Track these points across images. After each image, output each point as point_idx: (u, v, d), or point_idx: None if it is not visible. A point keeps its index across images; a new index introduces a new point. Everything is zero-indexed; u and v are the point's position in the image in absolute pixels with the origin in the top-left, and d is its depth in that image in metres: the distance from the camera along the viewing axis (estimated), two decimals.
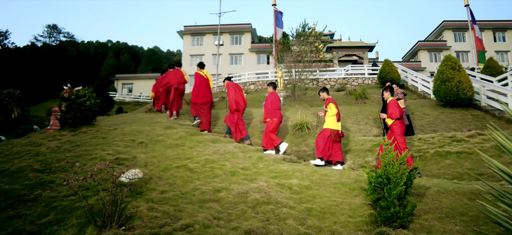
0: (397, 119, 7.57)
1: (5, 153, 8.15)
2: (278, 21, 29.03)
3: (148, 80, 53.99)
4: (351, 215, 4.84)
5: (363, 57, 36.90)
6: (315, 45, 17.14)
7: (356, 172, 6.83)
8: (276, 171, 6.75)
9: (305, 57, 15.93)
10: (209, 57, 50.99)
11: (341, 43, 38.22)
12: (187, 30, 52.80)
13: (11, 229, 4.60)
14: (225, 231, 4.36)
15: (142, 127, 9.66)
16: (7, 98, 18.61)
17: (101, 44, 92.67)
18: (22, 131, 14.19)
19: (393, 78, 22.23)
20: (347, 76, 28.21)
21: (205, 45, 52.14)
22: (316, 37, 17.27)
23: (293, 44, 17.03)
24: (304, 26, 16.54)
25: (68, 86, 10.73)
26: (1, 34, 66.25)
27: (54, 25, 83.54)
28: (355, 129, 11.81)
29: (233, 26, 51.85)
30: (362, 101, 17.29)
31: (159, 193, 5.53)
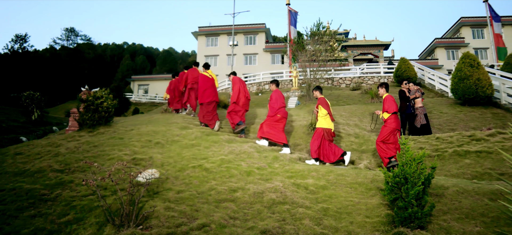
0: (394, 112, 7.83)
1: (26, 153, 8.35)
2: (292, 20, 28.98)
3: (163, 81, 54.53)
4: (368, 215, 4.80)
5: (379, 56, 36.49)
6: (329, 44, 17.05)
7: (373, 171, 6.77)
8: (292, 170, 6.74)
9: (319, 57, 15.86)
10: (224, 57, 51.19)
11: (356, 41, 37.88)
12: (202, 31, 53.11)
13: (33, 228, 4.71)
14: (241, 231, 4.37)
15: (158, 127, 9.76)
16: (28, 100, 19.05)
17: (117, 46, 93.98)
18: (42, 132, 14.49)
19: (410, 76, 21.92)
20: (362, 75, 27.94)
21: (220, 45, 52.35)
22: (331, 36, 17.18)
23: (307, 43, 16.96)
24: (319, 25, 16.46)
25: (86, 88, 10.91)
26: (21, 38, 67.82)
27: (72, 28, 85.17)
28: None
29: (247, 26, 51.92)
30: (378, 100, 17.10)
31: (176, 192, 5.58)
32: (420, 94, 10.64)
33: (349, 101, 18.14)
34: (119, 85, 45.91)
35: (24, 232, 4.64)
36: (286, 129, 10.68)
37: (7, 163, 7.80)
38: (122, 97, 24.61)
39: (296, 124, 11.13)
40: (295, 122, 11.37)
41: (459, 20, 48.67)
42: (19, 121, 17.84)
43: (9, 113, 20.25)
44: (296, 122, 11.30)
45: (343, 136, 10.18)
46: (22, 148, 8.91)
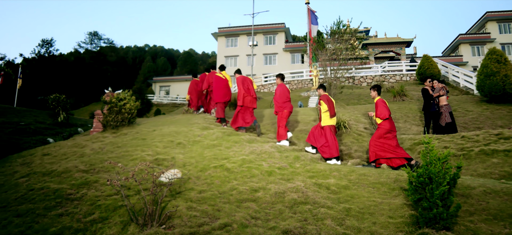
0: (386, 118, 7.67)
1: (53, 154, 8.60)
2: (312, 19, 28.80)
3: (184, 82, 55.07)
4: (391, 215, 4.73)
5: (400, 53, 35.87)
6: (350, 43, 16.86)
7: (396, 171, 6.66)
8: (313, 170, 6.70)
9: (340, 55, 15.70)
10: (244, 58, 51.33)
11: (377, 39, 37.34)
12: (221, 31, 53.40)
13: (60, 226, 4.85)
14: (263, 231, 4.37)
15: (179, 128, 9.87)
16: (54, 102, 19.60)
17: (139, 49, 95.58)
18: (68, 133, 14.88)
19: (433, 74, 21.47)
20: (384, 73, 27.52)
21: (239, 46, 52.51)
22: (351, 34, 16.98)
23: (327, 42, 16.83)
24: (339, 23, 16.30)
25: (109, 90, 11.14)
26: (47, 42, 69.88)
27: (95, 32, 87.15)
28: None
29: (267, 26, 51.90)
30: (401, 98, 16.83)
31: (198, 192, 5.64)
32: (445, 92, 10.39)
33: (371, 100, 17.88)
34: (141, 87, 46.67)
35: (52, 230, 4.78)
36: (306, 129, 10.63)
37: (35, 163, 8.06)
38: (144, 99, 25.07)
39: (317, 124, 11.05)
40: (316, 121, 11.29)
41: (484, 15, 47.28)
42: (46, 123, 18.37)
43: (36, 116, 20.88)
44: (317, 122, 11.22)
45: (365, 135, 10.05)
46: (49, 149, 9.18)
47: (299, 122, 11.35)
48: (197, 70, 70.93)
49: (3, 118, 18.49)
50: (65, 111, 19.68)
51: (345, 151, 9.22)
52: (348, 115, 11.71)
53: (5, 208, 5.74)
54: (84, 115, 37.92)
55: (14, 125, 16.71)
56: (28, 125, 16.76)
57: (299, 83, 29.89)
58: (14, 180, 6.93)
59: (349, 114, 12.25)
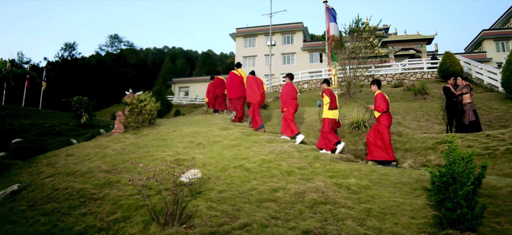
0: (384, 111, 7.91)
1: (77, 155, 8.81)
2: (331, 17, 28.58)
3: (203, 83, 55.49)
4: (414, 216, 4.65)
5: (421, 51, 35.18)
6: (369, 41, 16.63)
7: (418, 171, 6.55)
8: (333, 170, 6.66)
9: (359, 54, 15.50)
10: (262, 58, 51.34)
11: (396, 37, 36.73)
12: (239, 32, 53.55)
13: (84, 225, 4.97)
14: (283, 231, 4.37)
15: (199, 128, 9.95)
16: (77, 104, 20.09)
17: (158, 51, 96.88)
18: (90, 134, 15.20)
19: (455, 71, 20.95)
20: (404, 71, 27.05)
21: (257, 46, 52.54)
22: (370, 32, 16.74)
23: (346, 40, 16.66)
24: (358, 21, 16.09)
25: (130, 92, 11.33)
26: (70, 46, 71.69)
27: (116, 35, 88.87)
28: (415, 126, 11.31)
29: (285, 25, 51.76)
30: (422, 97, 16.51)
31: (218, 192, 5.67)
32: (468, 90, 10.15)
33: (391, 99, 17.63)
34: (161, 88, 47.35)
35: (76, 229, 4.90)
36: None
37: (60, 164, 8.27)
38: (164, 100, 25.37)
39: None
40: None
41: (509, 9, 45.89)
42: (69, 124, 18.83)
43: (60, 118, 21.42)
44: None
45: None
46: (73, 150, 9.41)
47: (318, 121, 11.28)
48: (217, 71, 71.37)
49: (30, 120, 19.05)
50: (88, 113, 20.15)
51: (365, 150, 9.11)
52: (368, 115, 11.57)
53: (32, 207, 5.92)
54: (106, 116, 38.63)
55: (40, 126, 17.19)
56: (53, 127, 17.21)
57: (318, 83, 29.69)
58: (40, 180, 7.13)
59: (369, 113, 12.10)
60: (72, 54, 70.75)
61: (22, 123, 17.52)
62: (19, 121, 17.99)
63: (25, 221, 5.48)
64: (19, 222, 5.53)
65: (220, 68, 75.85)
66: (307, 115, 12.20)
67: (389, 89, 21.74)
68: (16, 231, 5.23)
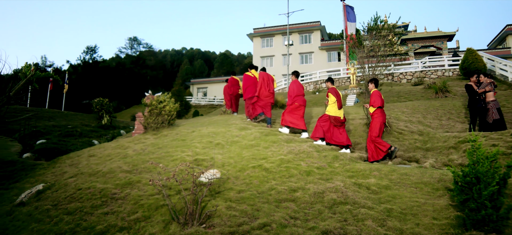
0: (379, 107, 8.38)
1: (99, 155, 8.98)
2: (348, 16, 28.32)
3: (221, 84, 55.78)
4: (436, 217, 4.56)
5: (442, 48, 34.46)
6: (388, 39, 16.42)
7: (439, 170, 6.42)
8: (353, 170, 6.60)
9: (378, 52, 15.33)
10: (279, 57, 51.28)
11: (416, 34, 36.08)
12: (257, 32, 53.62)
13: (106, 224, 5.06)
14: (302, 231, 4.36)
15: (218, 128, 10.01)
16: (98, 106, 20.51)
17: (177, 52, 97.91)
18: (111, 135, 15.48)
19: (478, 68, 20.46)
20: (424, 69, 26.56)
21: (275, 46, 52.51)
22: (389, 30, 16.53)
23: (364, 39, 16.48)
24: (376, 19, 15.94)
25: (149, 93, 11.48)
26: (91, 49, 73.25)
27: (135, 37, 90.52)
28: (436, 125, 11.09)
29: (302, 25, 51.56)
30: (443, 95, 16.18)
31: (237, 192, 5.70)
32: (492, 87, 9.89)
33: (411, 97, 17.35)
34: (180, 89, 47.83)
35: (98, 228, 5.00)
36: (346, 128, 10.48)
37: (82, 164, 8.45)
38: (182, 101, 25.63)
39: (356, 122, 10.84)
40: (354, 120, 11.09)
41: None
42: (91, 125, 19.22)
43: (82, 119, 21.90)
44: (355, 120, 11.02)
45: (406, 134, 9.76)
46: (95, 151, 9.60)
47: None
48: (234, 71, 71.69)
49: (53, 121, 19.53)
50: (108, 114, 20.53)
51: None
52: (388, 113, 11.42)
53: (56, 206, 6.07)
54: (126, 118, 39.29)
55: (63, 128, 17.61)
56: (75, 128, 17.60)
57: (336, 82, 29.46)
58: (64, 180, 7.30)
59: (389, 112, 11.94)
60: (93, 57, 72.30)
61: (46, 125, 17.99)
62: (43, 123, 18.48)
63: (49, 220, 5.63)
64: (44, 221, 5.68)
65: (237, 68, 76.10)
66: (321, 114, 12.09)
67: (409, 87, 21.39)
68: (41, 229, 5.38)
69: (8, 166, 9.35)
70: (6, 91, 8.87)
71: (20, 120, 15.17)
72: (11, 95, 8.79)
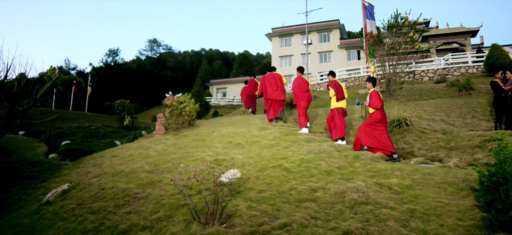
0: (378, 108, 8.22)
1: (121, 156, 9.15)
2: (368, 13, 27.98)
3: (240, 84, 55.95)
4: (460, 217, 4.46)
5: (465, 44, 33.63)
6: (409, 36, 16.10)
7: (464, 170, 6.27)
8: (374, 169, 6.52)
9: (399, 50, 15.06)
10: (298, 57, 51.09)
11: (438, 30, 35.32)
12: (275, 32, 53.56)
13: (129, 223, 5.16)
14: (323, 231, 4.33)
15: (238, 129, 10.05)
16: (120, 107, 20.92)
17: (196, 53, 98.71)
18: (133, 136, 15.76)
19: (504, 64, 19.84)
20: (447, 66, 25.97)
21: (293, 45, 52.34)
22: (410, 27, 16.21)
23: (385, 36, 16.23)
24: (396, 16, 15.65)
25: (170, 94, 11.63)
26: (113, 52, 74.73)
27: (155, 39, 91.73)
28: (460, 123, 10.83)
29: (321, 23, 51.22)
30: (467, 92, 15.77)
31: (257, 192, 5.71)
32: None
33: (433, 95, 16.99)
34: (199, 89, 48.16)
35: (121, 227, 5.10)
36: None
37: (105, 164, 8.63)
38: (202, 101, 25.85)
39: None
40: None
41: None
42: (113, 126, 19.60)
43: (105, 120, 22.35)
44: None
45: (428, 133, 9.57)
46: (117, 151, 9.78)
47: (357, 120, 11.07)
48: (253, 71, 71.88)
49: (77, 123, 20.01)
50: (130, 116, 20.91)
51: (407, 149, 8.85)
52: (409, 112, 11.22)
53: (81, 205, 6.22)
54: (147, 118, 39.87)
55: (86, 129, 18.01)
56: (98, 129, 17.98)
57: (356, 81, 29.14)
58: (88, 179, 7.48)
59: (410, 110, 11.74)
60: (115, 59, 73.73)
61: (70, 126, 18.44)
62: (67, 124, 18.95)
63: (74, 219, 5.78)
64: (69, 219, 5.83)
65: (256, 68, 76.14)
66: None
67: (431, 85, 20.96)
68: (67, 228, 5.53)
69: (35, 166, 9.63)
70: (32, 94, 9.14)
71: (46, 122, 15.60)
72: (37, 98, 9.05)
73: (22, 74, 9.30)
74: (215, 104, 50.98)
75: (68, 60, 75.39)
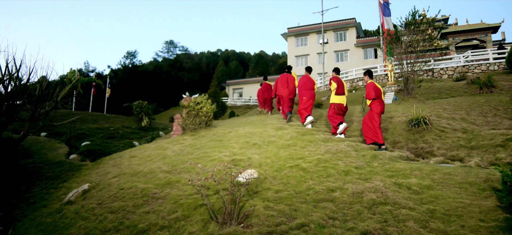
0: (374, 98, 8.50)
1: (139, 156, 9.28)
2: (384, 11, 27.64)
3: (256, 84, 56.04)
4: (483, 218, 4.36)
5: (486, 41, 32.84)
6: (427, 33, 15.82)
7: (486, 170, 6.13)
8: (393, 169, 6.44)
9: (417, 47, 14.81)
10: (314, 56, 50.85)
11: (457, 27, 34.59)
12: (291, 31, 53.43)
13: (147, 223, 5.23)
14: (341, 232, 4.31)
15: (254, 129, 10.07)
16: (138, 108, 21.22)
17: (212, 54, 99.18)
18: (151, 137, 15.95)
19: None
20: (467, 63, 25.44)
21: (309, 45, 52.11)
22: (428, 24, 15.92)
23: (402, 34, 15.99)
24: (414, 13, 15.39)
25: (187, 95, 11.73)
26: (131, 54, 75.87)
27: (171, 40, 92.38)
28: (481, 122, 10.59)
29: (337, 22, 50.86)
30: (488, 90, 15.42)
31: (274, 192, 5.71)
32: None
33: (453, 93, 16.67)
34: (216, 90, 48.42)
35: (140, 226, 5.17)
36: (384, 126, 10.26)
37: (124, 165, 8.77)
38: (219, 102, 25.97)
39: (395, 120, 10.56)
40: (393, 118, 10.80)
41: None
42: (131, 127, 19.88)
43: (123, 121, 22.70)
44: (394, 118, 10.73)
45: (448, 132, 9.39)
46: (136, 152, 9.93)
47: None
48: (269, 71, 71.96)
49: (96, 124, 20.39)
50: (148, 117, 21.18)
51: (426, 148, 8.71)
52: (428, 111, 11.04)
53: (101, 205, 6.34)
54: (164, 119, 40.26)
55: (105, 130, 18.33)
56: (117, 130, 18.28)
57: (373, 79, 28.80)
58: (107, 180, 7.61)
59: (429, 109, 11.54)
60: (132, 61, 74.77)
61: (90, 127, 18.80)
62: (87, 125, 19.33)
63: (95, 218, 5.90)
64: (89, 218, 5.95)
65: (272, 68, 76.08)
66: (362, 115, 11.88)
67: (450, 83, 20.57)
68: (87, 227, 5.64)
69: (57, 167, 9.86)
70: (53, 96, 9.36)
71: (66, 123, 15.93)
72: (58, 100, 9.26)
73: (43, 77, 9.54)
74: (231, 105, 51.15)
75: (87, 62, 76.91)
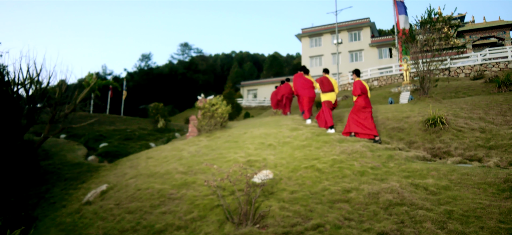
0: (359, 95, 9.28)
1: (156, 157, 9.40)
2: (400, 9, 27.34)
3: (270, 85, 55.94)
4: (502, 220, 4.29)
5: (504, 38, 32.13)
6: (443, 32, 15.59)
7: (505, 170, 6.02)
8: (409, 170, 6.38)
9: (433, 46, 14.60)
10: (328, 56, 50.55)
11: (474, 25, 33.94)
12: (305, 32, 53.23)
13: (164, 223, 5.32)
14: (357, 233, 4.30)
15: (269, 130, 10.09)
16: (154, 110, 21.49)
17: (226, 56, 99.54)
18: (167, 138, 16.14)
19: None
20: (484, 61, 24.93)
21: (323, 45, 51.82)
22: (444, 23, 15.67)
23: (418, 33, 15.78)
24: (430, 12, 15.17)
25: (202, 96, 11.84)
26: (146, 57, 76.81)
27: (186, 43, 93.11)
28: (500, 121, 10.39)
29: (351, 22, 50.45)
30: (507, 88, 15.10)
31: (289, 193, 5.73)
32: None
33: (470, 92, 16.40)
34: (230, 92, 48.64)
35: (157, 226, 5.26)
36: (400, 126, 10.17)
37: (141, 166, 8.90)
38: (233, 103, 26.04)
39: (411, 120, 10.44)
40: (409, 118, 10.68)
41: None
42: (147, 129, 20.15)
43: (139, 123, 23.01)
44: (410, 118, 10.61)
45: (465, 131, 9.25)
46: (152, 153, 10.06)
47: (390, 119, 10.85)
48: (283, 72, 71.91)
49: (113, 126, 20.71)
50: (164, 118, 21.41)
51: (443, 148, 8.59)
52: (445, 110, 10.88)
53: (118, 205, 6.46)
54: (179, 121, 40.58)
55: (122, 131, 18.61)
56: (133, 132, 18.53)
57: (388, 79, 28.49)
58: (125, 180, 7.75)
59: (446, 109, 11.37)
60: (148, 64, 75.66)
61: (107, 129, 19.11)
62: (104, 127, 19.66)
63: (113, 218, 6.01)
64: (108, 218, 6.07)
65: (286, 69, 75.95)
66: (379, 113, 11.78)
67: (467, 82, 20.22)
68: (106, 227, 5.76)
69: (76, 168, 10.07)
70: (72, 99, 9.57)
71: (85, 125, 16.24)
72: (77, 103, 9.45)
73: (62, 81, 9.76)
74: (246, 106, 51.21)
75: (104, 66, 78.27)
